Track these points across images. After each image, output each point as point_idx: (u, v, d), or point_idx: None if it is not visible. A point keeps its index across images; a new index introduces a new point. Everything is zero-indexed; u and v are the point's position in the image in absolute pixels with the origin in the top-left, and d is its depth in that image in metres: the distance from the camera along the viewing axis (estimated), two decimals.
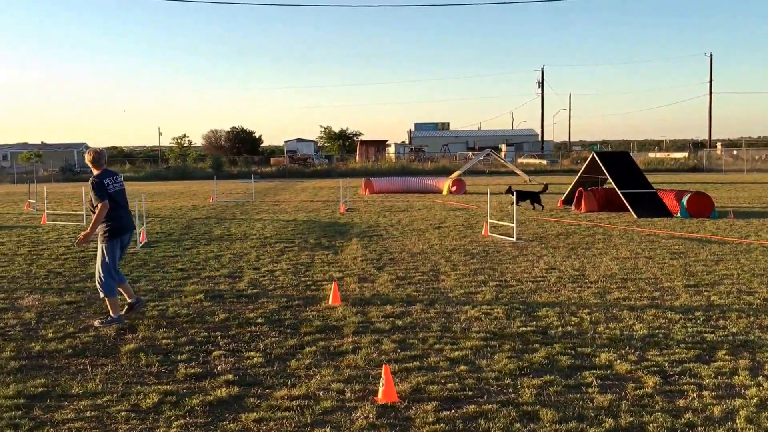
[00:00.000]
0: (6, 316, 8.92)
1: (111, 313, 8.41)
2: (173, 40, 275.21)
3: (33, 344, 7.59)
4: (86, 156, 8.68)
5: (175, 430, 5.27)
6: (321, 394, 5.98)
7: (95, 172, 8.53)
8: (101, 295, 8.51)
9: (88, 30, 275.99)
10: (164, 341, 7.66)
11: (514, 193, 22.29)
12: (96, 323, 8.39)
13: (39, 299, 9.88)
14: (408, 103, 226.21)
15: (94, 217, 8.34)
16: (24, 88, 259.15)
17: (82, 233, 8.58)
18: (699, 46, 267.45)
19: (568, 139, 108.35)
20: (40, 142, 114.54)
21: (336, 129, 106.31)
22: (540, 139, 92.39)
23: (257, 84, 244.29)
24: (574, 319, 8.41)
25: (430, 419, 5.38)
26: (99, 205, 8.29)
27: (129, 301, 8.76)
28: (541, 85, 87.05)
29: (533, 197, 23.96)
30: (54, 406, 5.78)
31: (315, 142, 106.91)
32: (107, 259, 8.43)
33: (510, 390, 6.03)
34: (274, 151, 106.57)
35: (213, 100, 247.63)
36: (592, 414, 5.44)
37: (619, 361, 6.73)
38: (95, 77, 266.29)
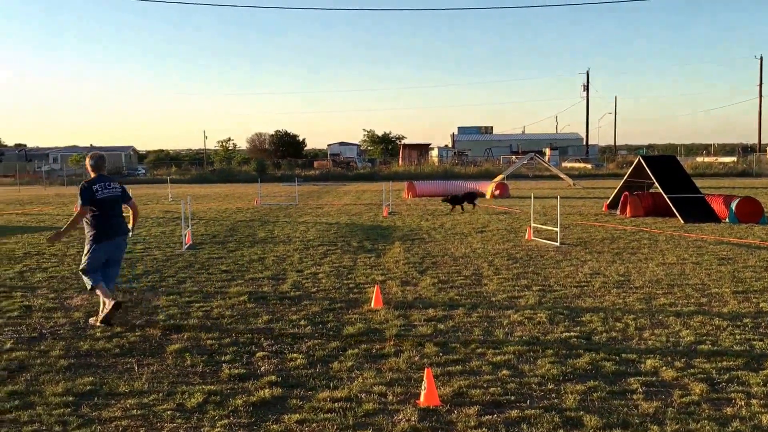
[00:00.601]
0: (56, 315, 9.10)
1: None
2: (218, 44, 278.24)
3: (81, 343, 7.73)
4: (87, 159, 9.00)
5: (219, 429, 5.33)
6: (363, 396, 6.00)
7: (91, 176, 8.85)
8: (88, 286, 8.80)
9: (135, 34, 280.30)
10: (209, 342, 7.75)
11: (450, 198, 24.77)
12: (91, 321, 8.66)
13: (87, 299, 10.04)
14: (451, 107, 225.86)
15: (71, 219, 8.79)
16: (74, 92, 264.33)
17: (56, 233, 8.97)
18: (748, 48, 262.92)
19: (613, 143, 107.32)
20: (89, 145, 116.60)
21: (379, 132, 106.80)
22: (585, 143, 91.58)
23: (301, 87, 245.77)
24: (618, 324, 8.32)
25: (472, 423, 5.37)
26: (78, 210, 8.67)
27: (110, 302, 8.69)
28: (586, 88, 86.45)
29: (469, 198, 25.29)
30: (101, 404, 5.88)
31: (358, 146, 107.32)
32: (90, 258, 8.75)
33: (553, 395, 5.98)
34: (318, 154, 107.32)
35: (257, 104, 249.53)
36: (637, 421, 5.38)
37: (665, 368, 6.65)
38: (142, 81, 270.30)
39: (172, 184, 44.14)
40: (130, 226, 9.13)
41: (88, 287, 8.77)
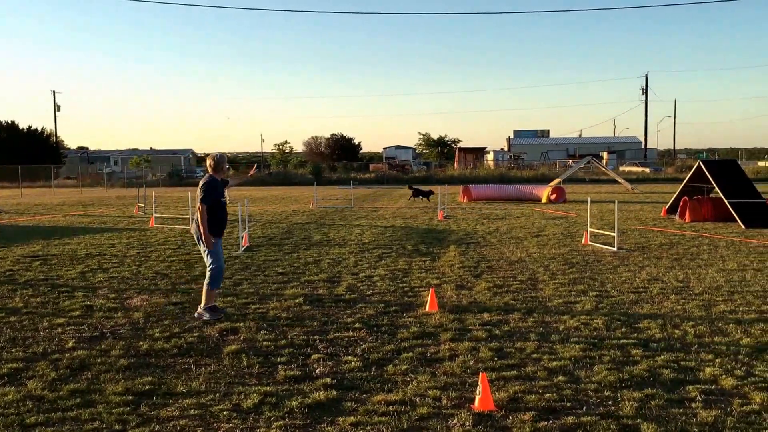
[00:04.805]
0: (116, 315, 9.29)
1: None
2: (273, 48, 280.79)
3: (141, 343, 7.88)
4: (210, 159, 9.24)
5: (274, 430, 5.38)
6: (417, 400, 6.00)
7: (214, 174, 9.18)
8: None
9: (193, 40, 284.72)
10: (265, 343, 7.83)
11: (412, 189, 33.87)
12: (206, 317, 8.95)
13: (147, 300, 10.24)
14: (507, 110, 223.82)
15: (203, 218, 8.90)
16: (134, 96, 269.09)
17: (206, 238, 9.00)
18: None
19: (672, 147, 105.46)
20: (149, 148, 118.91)
21: (434, 136, 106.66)
22: (643, 147, 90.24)
23: (356, 91, 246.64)
24: (677, 331, 8.19)
25: (527, 429, 5.33)
26: (202, 208, 8.88)
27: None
28: (645, 91, 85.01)
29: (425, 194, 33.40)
30: (160, 403, 5.98)
31: (413, 149, 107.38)
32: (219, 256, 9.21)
33: (610, 402, 5.91)
34: (373, 157, 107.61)
35: (314, 107, 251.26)
36: (696, 430, 5.29)
37: (724, 376, 6.52)
38: (200, 85, 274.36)
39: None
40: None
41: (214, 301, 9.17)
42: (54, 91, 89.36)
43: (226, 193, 9.25)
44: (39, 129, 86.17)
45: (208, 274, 9.00)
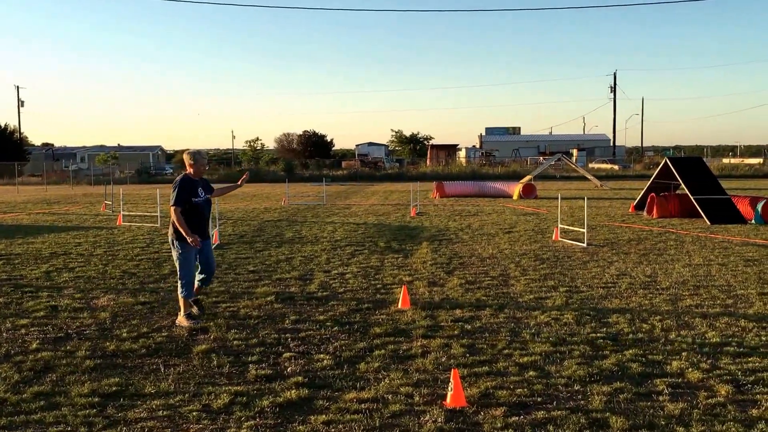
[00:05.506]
0: (82, 315, 9.18)
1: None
2: (246, 43, 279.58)
3: (108, 343, 7.79)
4: (186, 156, 8.98)
5: (245, 430, 5.35)
6: (390, 397, 6.00)
7: (191, 174, 8.92)
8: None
9: (162, 33, 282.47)
10: (235, 342, 7.79)
11: None
12: (178, 321, 8.65)
13: (114, 299, 10.13)
14: (479, 107, 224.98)
15: (177, 220, 8.56)
16: (101, 92, 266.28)
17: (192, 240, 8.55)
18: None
19: (640, 144, 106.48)
20: (116, 145, 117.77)
21: (407, 133, 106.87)
22: (612, 144, 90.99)
23: (329, 88, 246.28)
24: (645, 325, 8.27)
25: (499, 425, 5.36)
26: (175, 210, 8.57)
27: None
28: (614, 89, 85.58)
29: None
30: (127, 404, 5.92)
31: (386, 146, 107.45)
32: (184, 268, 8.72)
33: (579, 396, 5.96)
34: (346, 154, 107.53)
35: (286, 104, 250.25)
36: (663, 422, 5.35)
37: (690, 369, 6.60)
38: (170, 80, 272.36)
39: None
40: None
41: (186, 309, 8.68)
42: (17, 87, 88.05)
43: (201, 193, 8.96)
44: (2, 125, 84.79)
45: (178, 283, 8.71)
